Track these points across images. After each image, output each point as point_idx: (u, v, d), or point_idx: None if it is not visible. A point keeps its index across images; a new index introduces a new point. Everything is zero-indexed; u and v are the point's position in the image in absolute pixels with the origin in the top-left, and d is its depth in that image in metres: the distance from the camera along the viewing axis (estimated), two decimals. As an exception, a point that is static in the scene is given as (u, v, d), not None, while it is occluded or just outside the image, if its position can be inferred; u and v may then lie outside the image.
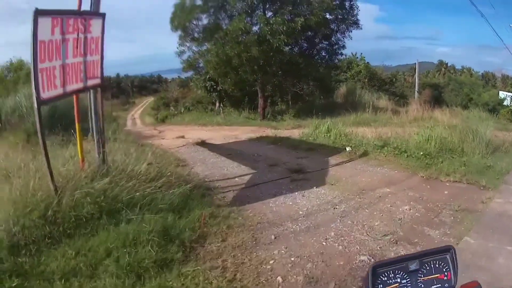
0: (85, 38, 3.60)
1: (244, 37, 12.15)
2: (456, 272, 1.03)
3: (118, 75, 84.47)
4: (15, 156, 4.42)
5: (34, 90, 3.03)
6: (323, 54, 14.88)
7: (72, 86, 3.49)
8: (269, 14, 12.94)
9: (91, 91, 4.00)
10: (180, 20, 13.93)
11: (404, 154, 6.52)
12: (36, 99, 3.07)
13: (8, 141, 6.06)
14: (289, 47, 13.53)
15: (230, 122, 13.45)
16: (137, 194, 3.52)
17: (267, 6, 13.11)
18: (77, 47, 3.48)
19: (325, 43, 14.59)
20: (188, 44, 14.55)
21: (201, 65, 14.97)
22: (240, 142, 8.17)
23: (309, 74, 14.12)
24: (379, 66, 23.53)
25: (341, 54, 15.25)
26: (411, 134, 7.65)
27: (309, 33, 13.55)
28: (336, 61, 15.56)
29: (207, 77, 15.76)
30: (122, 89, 74.62)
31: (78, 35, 3.45)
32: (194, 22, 14.11)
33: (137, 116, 33.67)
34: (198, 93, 19.16)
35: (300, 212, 4.04)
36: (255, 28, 12.65)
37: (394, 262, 1.02)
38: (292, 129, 10.26)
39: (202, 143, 7.82)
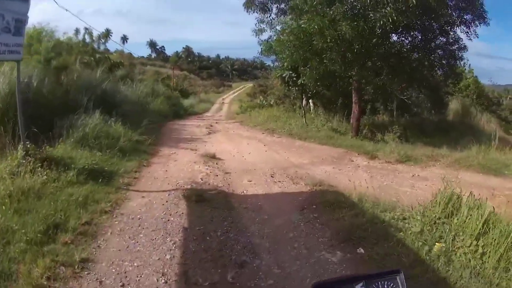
0: None
1: (331, 9, 8.29)
2: None
3: (218, 56, 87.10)
4: None
5: None
6: (439, 53, 10.17)
7: None
8: None
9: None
10: None
11: None
12: None
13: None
14: (398, 35, 9.58)
15: (308, 134, 9.56)
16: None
17: None
18: None
19: (443, 39, 10.03)
20: (269, 21, 11.74)
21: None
22: (285, 209, 3.96)
23: (424, 78, 10.18)
24: (487, 84, 19.47)
25: (461, 58, 10.30)
26: None
27: (425, 17, 8.92)
28: (454, 67, 10.65)
29: (285, 64, 11.62)
30: (221, 71, 75.47)
31: None
32: None
33: (227, 101, 31.31)
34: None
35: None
36: None
37: (338, 282, 1.04)
38: (397, 164, 6.53)
39: (198, 199, 4.12)
